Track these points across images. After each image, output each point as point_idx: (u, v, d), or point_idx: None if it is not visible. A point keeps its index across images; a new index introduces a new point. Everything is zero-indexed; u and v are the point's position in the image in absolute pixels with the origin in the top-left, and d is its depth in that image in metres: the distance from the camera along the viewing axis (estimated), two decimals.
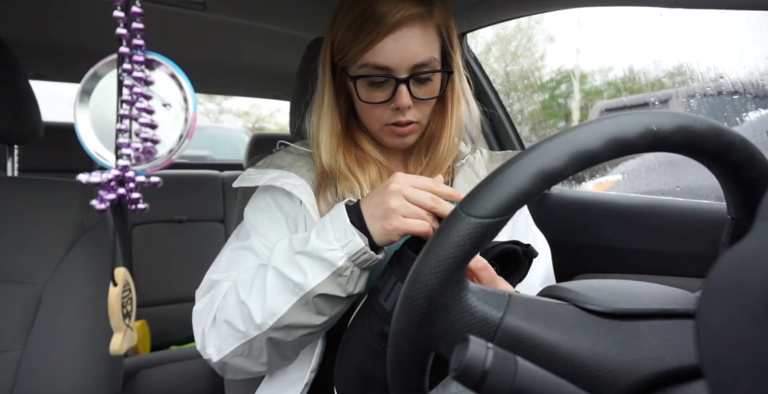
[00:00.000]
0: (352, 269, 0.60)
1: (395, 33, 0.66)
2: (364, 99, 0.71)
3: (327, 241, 0.59)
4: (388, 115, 0.72)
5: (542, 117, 2.96)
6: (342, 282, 0.60)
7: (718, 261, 0.21)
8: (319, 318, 0.63)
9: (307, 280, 0.60)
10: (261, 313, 0.61)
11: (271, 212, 0.74)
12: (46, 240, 0.84)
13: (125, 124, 0.31)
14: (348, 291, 0.61)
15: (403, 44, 0.67)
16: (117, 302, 0.33)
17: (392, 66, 0.68)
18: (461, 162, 0.81)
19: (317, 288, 0.60)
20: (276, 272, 0.62)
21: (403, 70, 0.68)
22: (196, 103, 0.32)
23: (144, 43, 0.31)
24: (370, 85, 0.70)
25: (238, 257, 0.72)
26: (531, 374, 0.30)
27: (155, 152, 0.32)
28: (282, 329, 0.62)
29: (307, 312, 0.62)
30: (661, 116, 0.36)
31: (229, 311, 0.64)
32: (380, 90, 0.71)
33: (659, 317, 0.36)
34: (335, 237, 0.59)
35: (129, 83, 0.31)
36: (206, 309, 0.68)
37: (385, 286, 0.58)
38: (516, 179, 0.34)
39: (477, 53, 1.39)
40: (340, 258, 0.59)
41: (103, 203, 0.31)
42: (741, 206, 0.42)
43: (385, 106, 0.71)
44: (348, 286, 0.61)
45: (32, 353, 0.79)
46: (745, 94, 1.18)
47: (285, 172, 0.74)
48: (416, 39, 0.67)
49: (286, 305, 0.61)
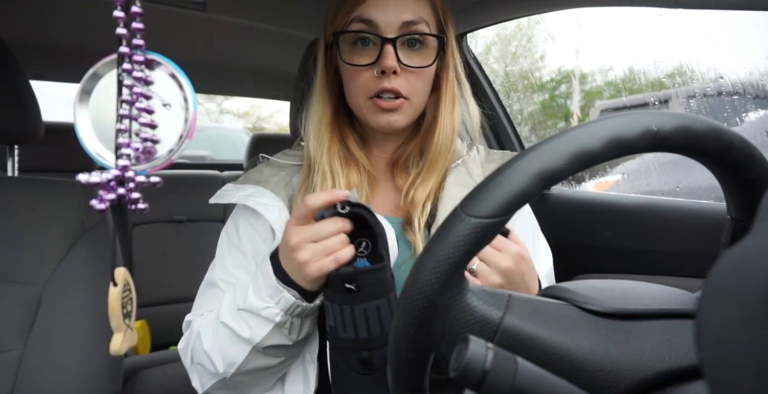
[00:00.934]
0: (291, 320, 0.61)
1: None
2: (348, 60, 0.67)
3: (262, 299, 0.60)
4: (373, 84, 0.67)
5: (542, 117, 2.96)
6: (285, 333, 0.62)
7: (718, 261, 0.21)
8: (277, 360, 0.65)
9: (252, 334, 0.61)
10: (222, 363, 0.64)
11: (240, 242, 0.73)
12: (46, 240, 0.84)
13: (125, 124, 0.31)
14: (294, 339, 0.63)
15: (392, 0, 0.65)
16: (117, 302, 0.33)
17: (379, 22, 0.65)
18: (456, 163, 0.77)
19: (264, 341, 0.61)
20: (225, 327, 0.63)
21: (391, 28, 0.65)
22: (196, 104, 0.32)
23: (144, 43, 0.31)
24: (355, 44, 0.67)
25: (206, 294, 0.74)
26: (531, 374, 0.30)
27: (155, 152, 0.32)
28: (245, 373, 0.64)
29: (263, 357, 0.64)
30: (661, 116, 0.36)
31: (199, 356, 0.66)
32: (365, 52, 0.67)
33: (659, 317, 0.36)
34: (268, 295, 0.60)
35: (129, 83, 0.31)
36: (186, 349, 0.70)
37: (334, 318, 0.58)
38: (516, 179, 0.34)
39: (477, 53, 1.39)
40: (276, 314, 0.60)
41: (102, 202, 0.31)
42: (741, 206, 0.42)
43: (370, 73, 0.66)
44: (292, 335, 0.63)
45: (32, 353, 0.79)
46: (744, 95, 1.18)
47: (260, 188, 0.72)
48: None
49: (241, 355, 0.63)
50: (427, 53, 0.68)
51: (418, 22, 0.66)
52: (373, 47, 0.66)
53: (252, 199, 0.70)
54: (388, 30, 0.65)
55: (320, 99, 0.73)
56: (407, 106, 0.69)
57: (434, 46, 0.69)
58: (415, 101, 0.70)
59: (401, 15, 0.65)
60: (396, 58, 0.65)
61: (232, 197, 0.71)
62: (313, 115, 0.74)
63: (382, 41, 0.65)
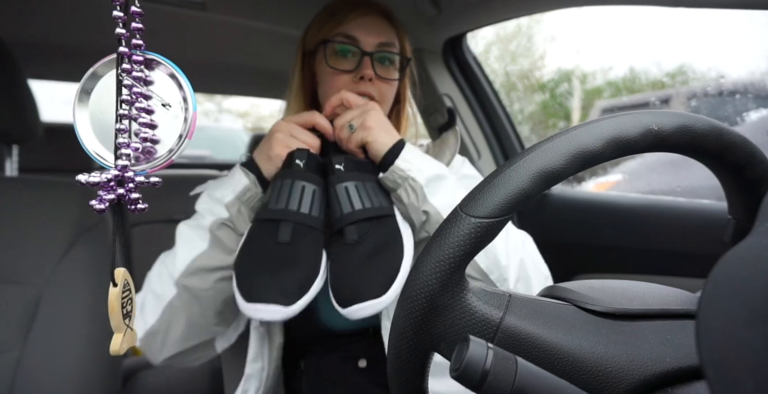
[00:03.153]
0: (239, 208, 0.73)
1: (365, 17, 0.78)
2: (331, 65, 0.78)
3: (220, 187, 0.75)
4: (350, 87, 0.78)
5: (542, 117, 2.96)
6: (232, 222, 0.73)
7: (719, 261, 0.21)
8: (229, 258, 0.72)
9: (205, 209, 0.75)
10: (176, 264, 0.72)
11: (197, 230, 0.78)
12: (45, 240, 0.84)
13: (125, 124, 0.31)
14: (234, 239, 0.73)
15: (371, 23, 0.79)
16: (117, 302, 0.33)
17: (361, 39, 0.77)
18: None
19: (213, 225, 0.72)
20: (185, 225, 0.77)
21: (370, 44, 0.78)
22: (195, 103, 0.32)
23: (144, 43, 0.31)
24: (338, 53, 0.78)
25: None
26: (531, 374, 0.29)
27: (155, 152, 0.32)
28: (193, 273, 0.71)
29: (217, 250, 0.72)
30: (662, 116, 0.36)
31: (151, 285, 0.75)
32: (346, 60, 0.78)
33: (660, 317, 0.36)
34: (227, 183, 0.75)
35: (128, 83, 0.31)
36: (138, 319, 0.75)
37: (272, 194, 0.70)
38: (516, 179, 0.34)
39: (477, 53, 1.39)
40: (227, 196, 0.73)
41: (102, 203, 0.31)
42: (742, 206, 0.42)
43: (348, 78, 0.78)
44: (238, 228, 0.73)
45: (31, 353, 0.79)
46: (745, 94, 1.18)
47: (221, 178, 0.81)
48: (383, 23, 0.80)
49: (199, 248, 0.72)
50: (395, 70, 0.82)
51: (391, 44, 0.80)
52: (353, 58, 0.78)
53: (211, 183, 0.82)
54: (368, 46, 0.78)
55: (296, 101, 0.84)
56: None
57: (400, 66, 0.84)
58: (383, 106, 0.82)
59: (379, 36, 0.78)
60: (372, 68, 0.78)
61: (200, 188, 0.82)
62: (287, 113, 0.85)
63: (362, 54, 0.77)
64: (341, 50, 0.78)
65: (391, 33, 0.81)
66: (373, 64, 0.78)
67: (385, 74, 0.80)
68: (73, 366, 0.81)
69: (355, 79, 0.78)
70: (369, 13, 0.79)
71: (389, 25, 0.81)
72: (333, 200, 0.69)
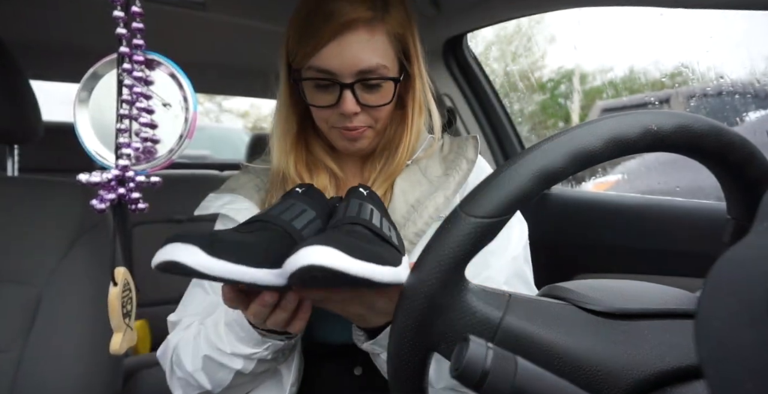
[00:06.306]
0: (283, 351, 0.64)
1: (339, 38, 0.64)
2: (310, 102, 0.70)
3: (250, 345, 0.61)
4: (335, 118, 0.70)
5: (542, 117, 2.96)
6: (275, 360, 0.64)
7: (718, 261, 0.21)
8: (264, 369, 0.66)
9: (243, 368, 0.63)
10: (209, 383, 0.65)
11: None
12: (45, 240, 0.84)
13: (125, 124, 0.31)
14: (284, 360, 0.66)
15: (346, 49, 0.64)
16: (117, 302, 0.33)
17: (335, 70, 0.65)
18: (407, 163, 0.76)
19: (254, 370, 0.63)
20: (211, 360, 0.64)
21: (347, 75, 0.66)
22: (196, 103, 0.32)
23: (144, 43, 0.31)
24: (316, 87, 0.69)
25: (191, 294, 0.75)
26: (531, 374, 0.30)
27: (155, 152, 0.32)
28: (234, 386, 0.65)
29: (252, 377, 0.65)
30: (661, 116, 0.36)
31: (182, 373, 0.67)
32: (326, 93, 0.68)
33: (659, 317, 0.36)
34: (254, 343, 0.61)
35: (129, 83, 0.31)
36: (164, 358, 0.71)
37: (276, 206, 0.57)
38: (516, 179, 0.34)
39: (477, 53, 1.39)
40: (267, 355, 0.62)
41: (103, 202, 0.31)
42: (741, 206, 0.42)
43: (333, 110, 0.69)
44: (281, 359, 0.65)
45: (32, 353, 0.79)
46: (745, 94, 1.18)
47: (234, 195, 0.75)
48: (361, 44, 0.65)
49: (228, 377, 0.64)
50: (387, 91, 0.69)
51: (374, 68, 0.66)
52: (333, 89, 0.67)
53: (227, 207, 0.73)
54: (345, 76, 0.66)
55: (285, 114, 0.75)
56: (370, 133, 0.73)
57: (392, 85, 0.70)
58: (378, 127, 0.72)
59: (357, 64, 0.65)
60: (355, 100, 0.67)
61: (211, 207, 0.74)
62: (277, 129, 0.75)
63: (341, 87, 0.66)
64: (317, 85, 0.68)
65: (375, 52, 0.66)
66: (356, 94, 0.67)
67: (373, 101, 0.69)
68: (74, 365, 0.81)
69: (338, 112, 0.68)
70: (343, 32, 0.64)
71: (371, 41, 0.66)
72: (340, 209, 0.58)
